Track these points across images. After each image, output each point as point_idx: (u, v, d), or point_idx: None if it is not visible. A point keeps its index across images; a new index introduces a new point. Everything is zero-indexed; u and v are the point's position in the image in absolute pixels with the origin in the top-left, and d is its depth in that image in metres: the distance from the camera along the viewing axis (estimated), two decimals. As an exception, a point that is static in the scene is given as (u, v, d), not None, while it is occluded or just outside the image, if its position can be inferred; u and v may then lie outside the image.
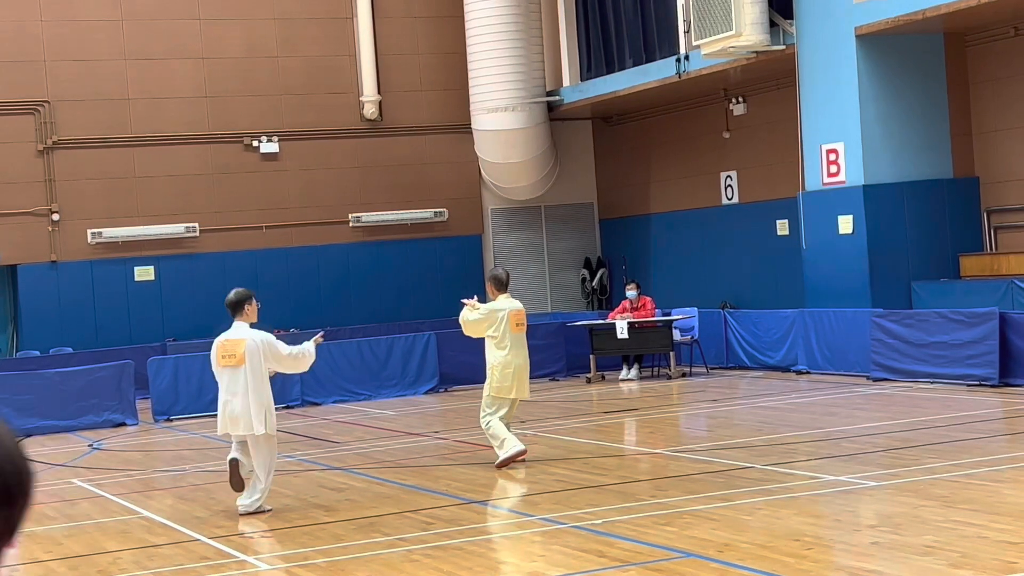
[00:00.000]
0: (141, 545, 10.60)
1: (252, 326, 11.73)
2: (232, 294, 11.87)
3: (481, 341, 13.71)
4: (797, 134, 21.36)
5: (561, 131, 28.22)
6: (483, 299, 13.79)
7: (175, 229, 26.05)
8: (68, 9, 25.61)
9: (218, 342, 11.74)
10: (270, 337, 11.64)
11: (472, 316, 13.51)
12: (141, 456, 16.53)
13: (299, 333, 25.08)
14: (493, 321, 13.38)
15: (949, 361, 17.65)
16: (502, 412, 13.41)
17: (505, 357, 13.35)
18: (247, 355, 11.48)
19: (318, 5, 27.20)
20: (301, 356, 11.73)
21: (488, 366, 13.48)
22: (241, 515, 11.49)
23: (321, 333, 12.50)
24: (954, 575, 7.94)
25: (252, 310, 11.78)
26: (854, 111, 20.08)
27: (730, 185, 25.30)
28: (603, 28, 26.39)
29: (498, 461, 13.24)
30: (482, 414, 13.54)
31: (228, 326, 11.80)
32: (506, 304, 13.50)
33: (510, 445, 13.26)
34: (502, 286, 13.65)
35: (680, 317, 22.07)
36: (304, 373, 20.41)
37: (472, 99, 26.91)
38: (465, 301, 13.65)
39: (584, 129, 28.91)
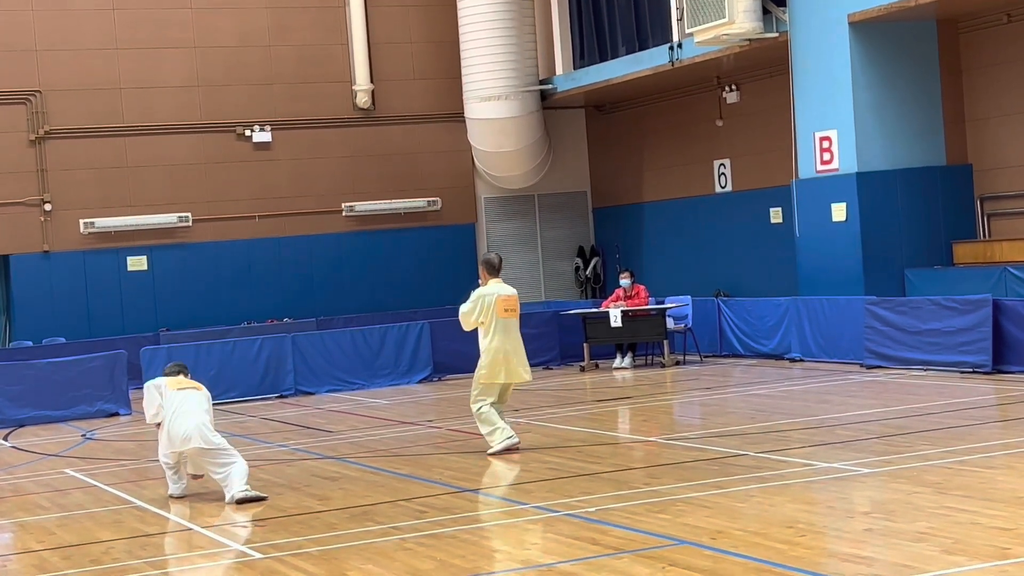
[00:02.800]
0: (134, 534, 10.58)
1: None
2: (178, 364, 12.72)
3: (474, 331, 13.72)
4: (790, 122, 21.34)
5: (554, 119, 28.18)
6: (476, 285, 13.80)
7: (168, 219, 26.01)
8: (59, -2, 25.56)
9: (172, 382, 12.20)
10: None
11: (464, 307, 13.55)
12: (134, 446, 16.50)
13: (292, 323, 25.10)
14: (481, 307, 13.41)
15: (942, 348, 17.66)
16: (493, 398, 13.43)
17: (492, 342, 13.36)
18: (204, 388, 12.33)
19: (310, -6, 27.16)
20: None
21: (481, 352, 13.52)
22: (239, 502, 11.46)
23: None
24: (947, 561, 7.94)
25: None
26: (847, 98, 20.06)
27: (723, 173, 25.29)
28: (596, 16, 26.35)
29: (490, 451, 13.23)
30: (472, 399, 13.56)
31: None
32: (495, 289, 13.50)
33: (502, 437, 13.23)
34: (494, 270, 13.67)
35: (674, 305, 22.07)
36: (297, 363, 20.64)
37: (465, 87, 26.87)
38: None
39: (577, 117, 28.87)
